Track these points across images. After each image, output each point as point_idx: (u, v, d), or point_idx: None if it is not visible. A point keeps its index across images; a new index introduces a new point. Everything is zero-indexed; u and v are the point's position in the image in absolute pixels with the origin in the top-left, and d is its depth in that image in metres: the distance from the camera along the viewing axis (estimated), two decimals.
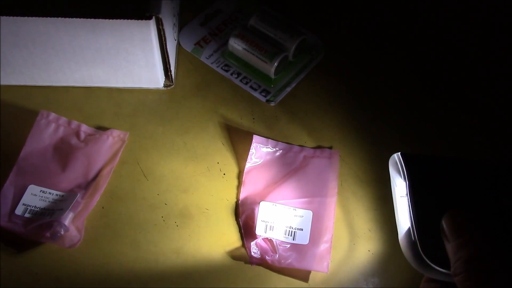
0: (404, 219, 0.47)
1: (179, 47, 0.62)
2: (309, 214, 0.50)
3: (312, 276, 0.48)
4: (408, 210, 0.46)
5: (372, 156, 0.55)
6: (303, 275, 0.48)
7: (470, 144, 0.57)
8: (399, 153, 0.49)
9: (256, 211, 0.50)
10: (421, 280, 0.48)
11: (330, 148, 0.55)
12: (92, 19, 0.49)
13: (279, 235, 0.49)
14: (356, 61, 0.62)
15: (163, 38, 0.52)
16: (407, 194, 0.47)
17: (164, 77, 0.58)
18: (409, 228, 0.46)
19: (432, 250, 0.44)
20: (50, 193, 0.50)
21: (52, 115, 0.54)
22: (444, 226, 0.40)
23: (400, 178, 0.49)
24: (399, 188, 0.49)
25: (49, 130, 0.54)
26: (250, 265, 0.48)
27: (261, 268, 0.48)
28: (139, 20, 0.49)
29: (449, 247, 0.38)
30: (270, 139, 0.55)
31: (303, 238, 0.49)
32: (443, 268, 0.43)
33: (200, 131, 0.56)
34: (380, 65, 0.62)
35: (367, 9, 0.67)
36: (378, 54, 0.63)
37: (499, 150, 0.56)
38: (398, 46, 0.64)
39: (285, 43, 0.59)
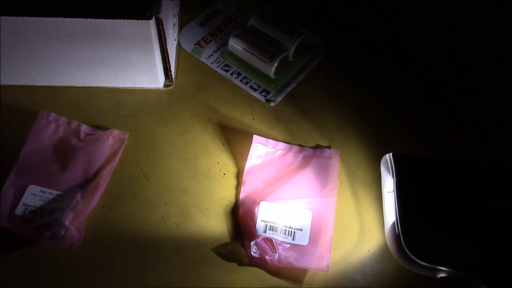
0: (390, 214, 0.49)
1: (179, 47, 0.62)
2: (309, 214, 0.50)
3: (312, 276, 0.48)
4: (394, 205, 0.48)
5: (372, 157, 0.55)
6: (302, 276, 0.48)
7: (470, 145, 0.57)
8: (391, 153, 0.51)
9: (256, 211, 0.50)
10: (420, 279, 0.48)
11: (330, 148, 0.55)
12: (92, 19, 0.49)
13: (278, 235, 0.49)
14: (356, 61, 0.62)
15: (163, 38, 0.52)
16: (394, 190, 0.49)
17: (164, 77, 0.58)
18: (394, 222, 0.47)
19: (415, 244, 0.46)
20: (50, 193, 0.50)
21: (52, 115, 0.54)
22: None
23: (389, 175, 0.51)
24: (388, 184, 0.51)
25: (49, 130, 0.54)
26: (250, 265, 0.48)
27: (260, 268, 0.48)
28: (139, 20, 0.49)
29: None
30: (270, 139, 0.55)
31: (302, 239, 0.49)
32: (424, 262, 0.45)
33: (200, 131, 0.56)
34: (380, 65, 0.62)
35: (366, 10, 0.67)
36: (377, 55, 0.63)
37: (488, 153, 0.56)
38: (397, 47, 0.64)
39: (285, 43, 0.59)
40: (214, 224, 0.50)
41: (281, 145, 0.55)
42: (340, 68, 0.62)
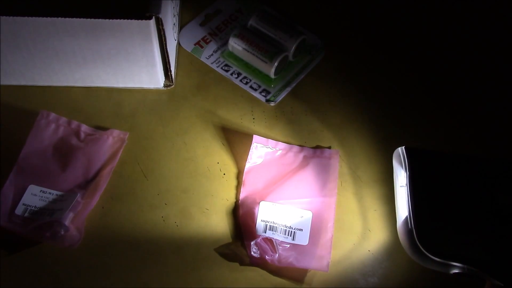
0: (402, 208, 0.48)
1: (179, 47, 0.62)
2: (309, 214, 0.50)
3: (312, 276, 0.48)
4: (407, 199, 0.47)
5: (372, 156, 0.55)
6: (303, 275, 0.48)
7: (470, 142, 0.57)
8: (403, 146, 0.50)
9: (256, 211, 0.50)
10: (421, 280, 0.48)
11: (330, 148, 0.55)
12: (92, 19, 0.49)
13: (279, 235, 0.49)
14: (356, 61, 0.62)
15: (163, 38, 0.52)
16: (406, 184, 0.48)
17: (164, 77, 0.58)
18: (406, 217, 0.47)
19: (428, 239, 0.45)
20: (50, 193, 0.50)
21: (52, 115, 0.54)
22: None
23: (401, 169, 0.50)
24: (400, 178, 0.50)
25: (49, 130, 0.54)
26: (250, 265, 0.48)
27: (261, 268, 0.48)
28: (139, 20, 0.49)
29: None
30: (270, 139, 0.55)
31: (302, 239, 0.49)
32: (438, 258, 0.44)
33: (200, 131, 0.56)
34: (380, 65, 0.62)
35: (366, 9, 0.67)
36: (378, 54, 0.63)
37: (500, 147, 0.56)
38: (397, 46, 0.64)
39: (285, 43, 0.59)
40: (214, 224, 0.50)
41: (281, 145, 0.55)
42: (340, 68, 0.62)
